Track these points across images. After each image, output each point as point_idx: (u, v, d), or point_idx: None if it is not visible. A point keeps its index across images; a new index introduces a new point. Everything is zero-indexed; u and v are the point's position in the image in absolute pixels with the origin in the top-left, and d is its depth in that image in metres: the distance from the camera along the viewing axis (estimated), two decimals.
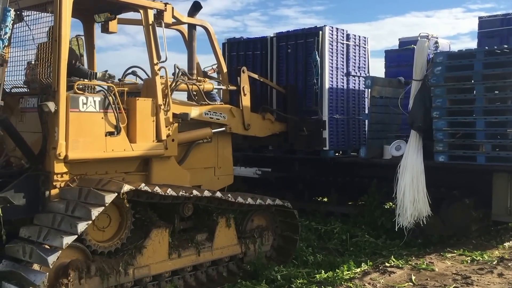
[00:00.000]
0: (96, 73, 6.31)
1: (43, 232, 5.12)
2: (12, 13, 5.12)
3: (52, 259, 4.82)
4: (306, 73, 8.74)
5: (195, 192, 6.02)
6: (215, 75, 8.15)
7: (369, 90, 8.88)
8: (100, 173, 5.87)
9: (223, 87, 7.60)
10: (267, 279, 6.47)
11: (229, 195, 6.42)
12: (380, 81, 9.05)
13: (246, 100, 7.64)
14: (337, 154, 9.19)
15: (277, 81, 9.01)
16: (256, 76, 8.31)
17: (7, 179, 5.53)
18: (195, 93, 7.04)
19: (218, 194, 6.29)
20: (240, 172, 9.47)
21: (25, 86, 6.23)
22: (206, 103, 7.06)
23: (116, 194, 5.26)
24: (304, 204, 9.55)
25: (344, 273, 6.36)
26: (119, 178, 5.94)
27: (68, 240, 4.90)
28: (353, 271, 6.44)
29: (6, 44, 5.16)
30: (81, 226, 4.97)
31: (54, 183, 5.48)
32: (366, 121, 9.05)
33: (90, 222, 5.06)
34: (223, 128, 7.28)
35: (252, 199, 6.69)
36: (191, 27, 7.23)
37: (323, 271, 6.59)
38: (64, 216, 5.16)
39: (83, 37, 6.88)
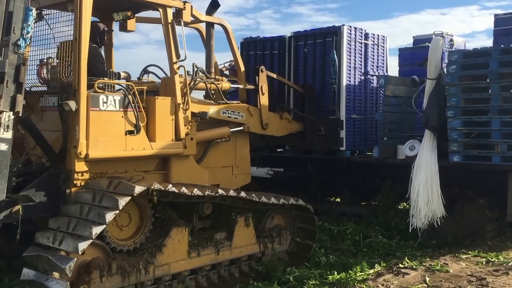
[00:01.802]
0: (119, 73, 6.33)
1: (72, 223, 5.13)
2: (34, 12, 5.11)
3: (82, 246, 4.84)
4: (324, 72, 8.71)
5: (220, 191, 6.06)
6: (227, 73, 8.15)
7: (383, 89, 8.83)
8: (120, 171, 5.89)
9: (241, 86, 7.59)
10: (279, 280, 6.45)
11: (253, 195, 6.45)
12: (393, 80, 8.98)
13: (264, 99, 7.64)
14: (354, 154, 9.14)
15: (295, 81, 8.99)
16: (274, 75, 8.30)
17: (27, 178, 5.57)
18: (213, 92, 7.04)
19: (243, 194, 6.34)
20: (252, 173, 9.46)
21: (45, 84, 6.25)
22: (224, 102, 7.06)
23: (146, 188, 5.32)
24: (316, 204, 9.46)
25: (357, 274, 6.33)
26: (139, 177, 5.95)
27: (97, 230, 4.92)
28: (366, 272, 6.41)
29: (28, 43, 5.15)
30: (109, 216, 4.98)
31: (75, 182, 5.49)
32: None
33: (118, 211, 5.07)
34: (241, 127, 7.28)
35: (276, 198, 6.73)
36: (209, 25, 7.23)
37: (335, 272, 6.55)
38: (92, 206, 5.18)
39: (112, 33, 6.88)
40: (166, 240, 5.75)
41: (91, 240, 4.92)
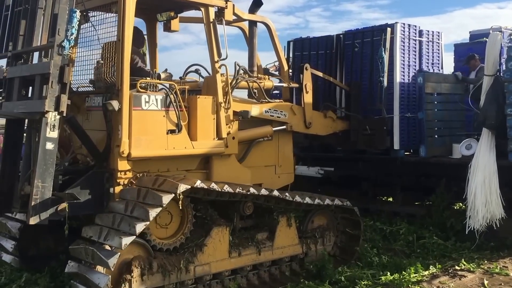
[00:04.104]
0: (159, 73, 6.39)
1: (116, 220, 5.24)
2: (78, 14, 5.21)
3: (126, 241, 4.92)
4: (373, 71, 8.49)
5: (252, 189, 5.98)
6: (276, 73, 8.08)
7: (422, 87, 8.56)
8: (162, 170, 5.93)
9: (284, 85, 7.51)
10: (330, 280, 6.37)
11: (286, 194, 6.37)
12: (433, 77, 8.75)
13: (308, 98, 7.50)
14: (407, 153, 8.92)
15: (345, 80, 8.82)
16: (320, 73, 8.16)
17: (73, 176, 5.70)
18: (255, 90, 6.99)
19: (276, 193, 6.25)
20: (302, 172, 9.39)
21: (91, 85, 6.39)
22: (266, 100, 6.99)
23: (190, 186, 5.36)
24: (368, 203, 9.37)
25: (411, 276, 6.23)
26: (180, 175, 5.98)
27: (140, 227, 5.00)
28: (421, 274, 6.30)
29: (72, 44, 5.26)
30: (153, 213, 5.05)
31: (118, 180, 5.57)
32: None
33: (161, 208, 5.14)
34: (284, 126, 7.18)
35: (320, 199, 6.67)
36: (252, 24, 7.19)
37: (388, 273, 6.44)
38: (136, 203, 5.27)
39: (145, 36, 6.98)
40: (206, 239, 5.75)
41: (135, 237, 5.00)
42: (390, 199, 9.91)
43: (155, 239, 5.45)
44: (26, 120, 5.75)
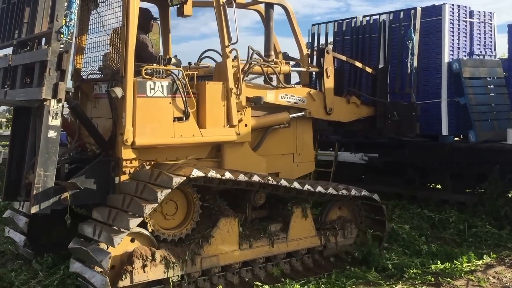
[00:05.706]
0: (170, 58, 6.18)
1: (126, 200, 5.13)
2: None
3: (133, 223, 4.86)
4: (402, 54, 8.02)
5: (256, 178, 5.66)
6: None
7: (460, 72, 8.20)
8: (170, 159, 5.73)
9: (303, 69, 7.15)
10: (377, 266, 6.15)
11: (269, 177, 5.92)
12: (469, 62, 8.44)
13: (329, 83, 7.10)
14: (456, 138, 8.61)
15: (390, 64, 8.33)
16: (343, 57, 7.75)
17: (80, 165, 5.60)
18: (272, 76, 6.68)
19: (257, 178, 5.80)
20: (345, 158, 9.20)
21: (100, 72, 6.27)
22: (282, 86, 6.65)
23: (204, 175, 5.22)
24: (415, 191, 9.10)
25: (464, 265, 6.04)
26: (190, 164, 5.75)
27: (148, 210, 4.90)
28: (474, 263, 6.11)
29: (72, 30, 5.12)
30: (162, 195, 4.92)
31: (123, 169, 5.42)
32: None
33: (171, 190, 5.00)
34: (302, 113, 6.82)
35: (312, 186, 6.20)
36: (268, 6, 6.86)
37: (439, 262, 6.20)
38: (146, 184, 5.15)
39: (158, 22, 6.80)
40: (214, 230, 5.50)
41: (142, 218, 4.91)
42: (438, 186, 9.57)
43: (159, 229, 5.27)
44: None
